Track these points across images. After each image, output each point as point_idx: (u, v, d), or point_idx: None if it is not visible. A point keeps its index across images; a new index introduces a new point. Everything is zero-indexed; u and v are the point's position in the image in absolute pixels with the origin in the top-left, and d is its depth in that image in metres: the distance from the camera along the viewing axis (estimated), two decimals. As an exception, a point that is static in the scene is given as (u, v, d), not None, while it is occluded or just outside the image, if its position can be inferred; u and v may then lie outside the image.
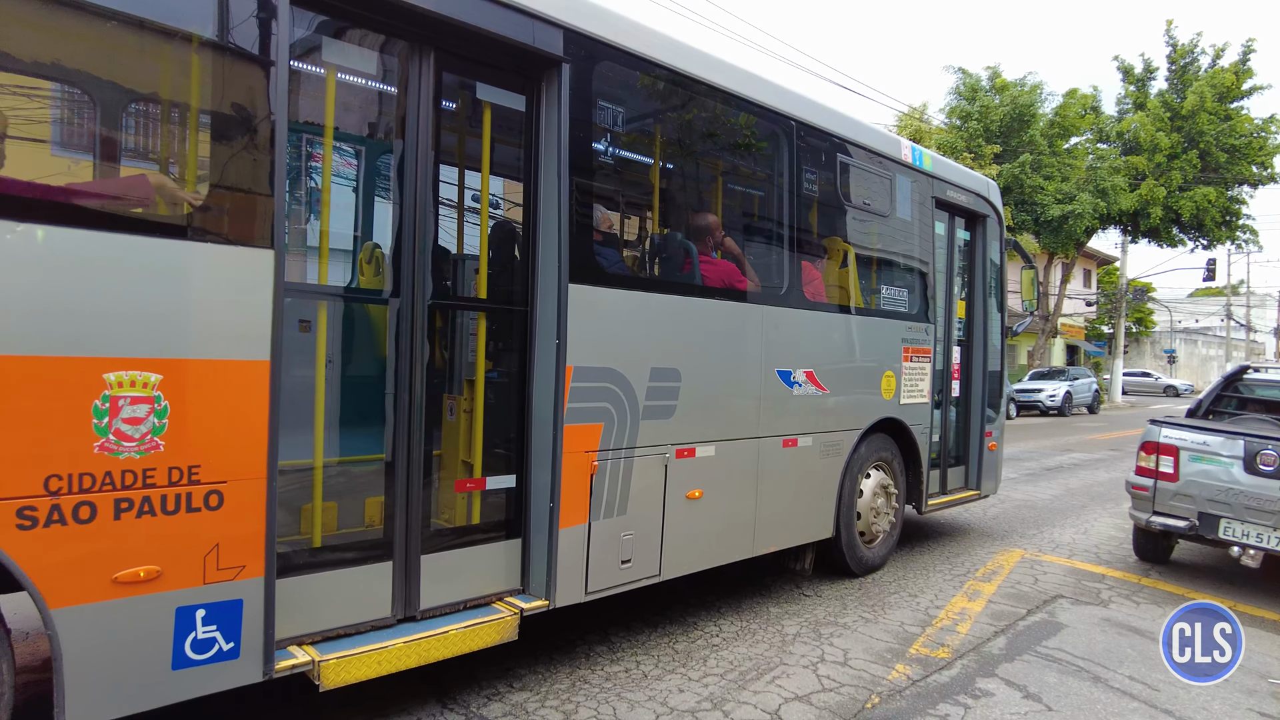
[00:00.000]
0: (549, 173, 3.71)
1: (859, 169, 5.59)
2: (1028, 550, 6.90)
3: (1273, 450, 5.49)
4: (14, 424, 2.32)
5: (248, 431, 2.77)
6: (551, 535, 3.73)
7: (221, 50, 2.76)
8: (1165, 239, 25.03)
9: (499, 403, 3.85)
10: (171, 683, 2.67)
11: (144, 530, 2.56)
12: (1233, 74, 23.14)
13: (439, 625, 3.42)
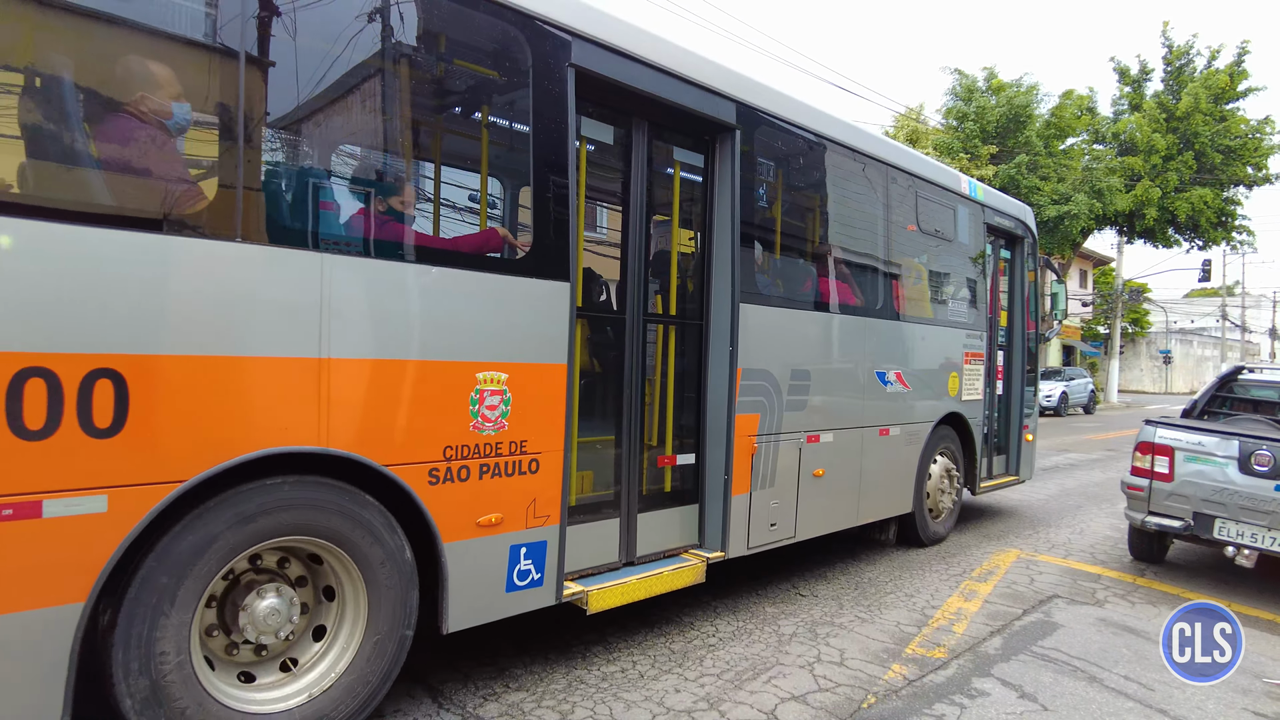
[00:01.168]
0: (722, 214, 4.73)
1: (934, 203, 6.73)
2: (1024, 550, 6.92)
3: (1267, 451, 5.50)
4: (428, 409, 3.29)
5: (554, 416, 3.74)
6: (725, 501, 4.71)
7: (543, 149, 3.70)
8: (1161, 240, 25.10)
9: (681, 396, 4.79)
10: (504, 602, 3.67)
11: (494, 487, 3.52)
12: (1228, 75, 23.20)
13: (653, 568, 4.40)
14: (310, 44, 3.05)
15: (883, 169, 6.07)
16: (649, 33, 4.29)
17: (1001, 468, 8.12)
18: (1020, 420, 8.15)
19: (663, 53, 4.31)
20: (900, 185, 6.29)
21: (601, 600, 4.00)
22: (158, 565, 2.64)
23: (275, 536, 2.95)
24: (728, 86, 4.64)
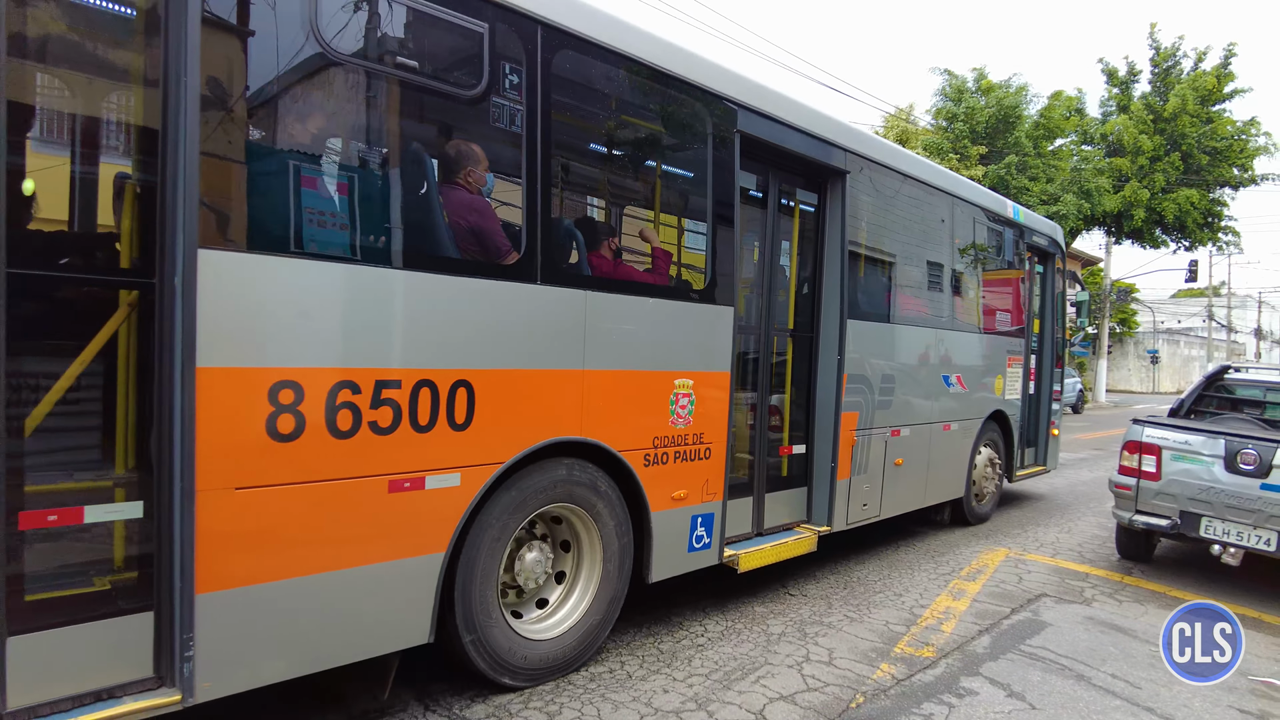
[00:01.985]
0: (832, 243, 5.65)
1: (987, 226, 7.76)
2: (1012, 549, 6.93)
3: (1253, 449, 5.54)
4: (644, 408, 4.22)
5: (721, 413, 4.64)
6: (832, 485, 5.63)
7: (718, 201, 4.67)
8: (1148, 240, 25.23)
9: (796, 396, 5.67)
10: (685, 560, 4.56)
11: (682, 469, 4.44)
12: (1214, 77, 23.35)
13: (778, 538, 5.35)
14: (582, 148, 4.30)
15: (949, 199, 7.06)
16: (788, 98, 5.23)
17: (1031, 459, 9.06)
18: (1049, 417, 9.17)
19: (797, 113, 5.20)
20: (962, 213, 7.32)
21: (749, 561, 4.94)
22: (487, 523, 3.56)
23: (552, 503, 3.88)
24: (840, 138, 5.56)
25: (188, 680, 2.67)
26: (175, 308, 2.62)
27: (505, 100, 3.61)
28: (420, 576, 3.34)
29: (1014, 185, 21.42)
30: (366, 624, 3.22)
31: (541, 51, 3.68)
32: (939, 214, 6.95)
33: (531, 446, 3.68)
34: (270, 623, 2.91)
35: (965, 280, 7.48)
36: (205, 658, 2.71)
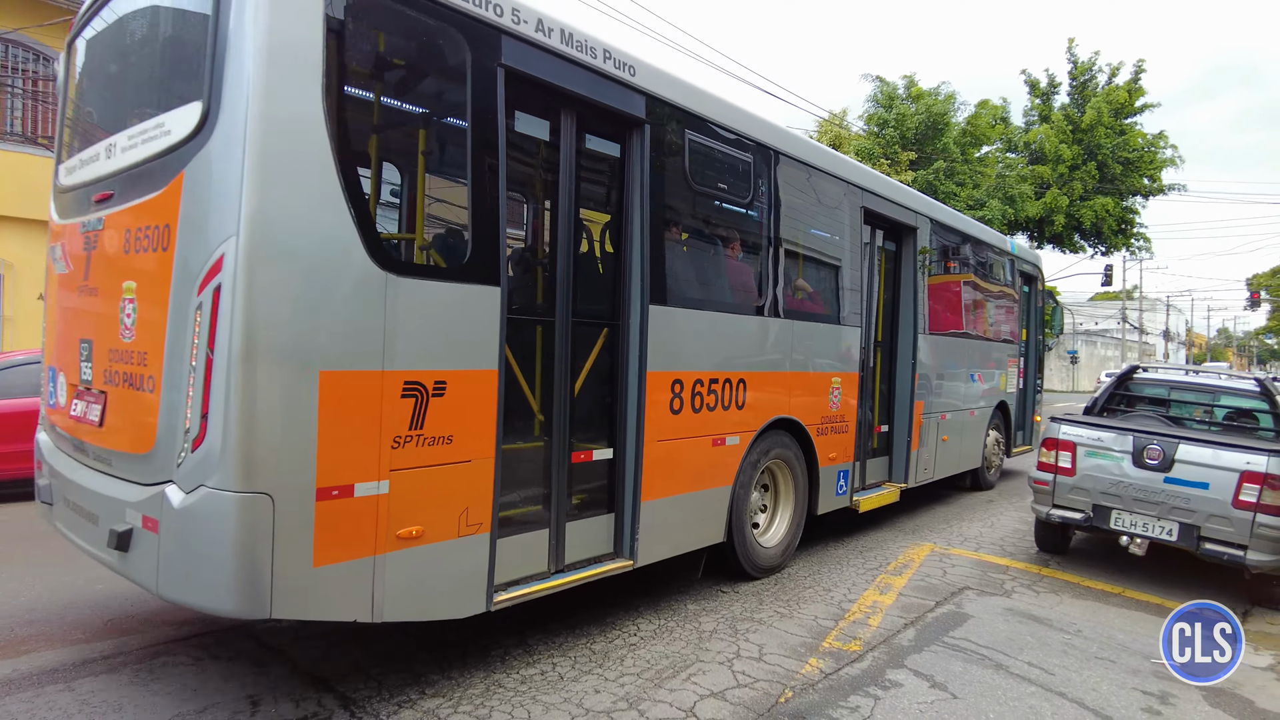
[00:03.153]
0: (908, 280, 7.81)
1: (998, 259, 10.30)
2: (937, 544, 7.14)
3: (1157, 445, 5.82)
4: (817, 396, 6.18)
5: (853, 401, 6.70)
6: (907, 454, 7.73)
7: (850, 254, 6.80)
8: (1068, 245, 26.35)
9: (883, 389, 7.66)
10: (834, 501, 6.54)
11: (835, 439, 6.41)
12: (1125, 92, 24.53)
13: (874, 492, 7.28)
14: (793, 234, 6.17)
15: (980, 245, 9.62)
16: (893, 182, 7.73)
17: (1021, 440, 11.24)
18: (1033, 407, 11.64)
19: (895, 190, 7.64)
20: (988, 252, 9.91)
21: (865, 504, 7.02)
22: (746, 468, 5.46)
23: (772, 459, 5.80)
24: (915, 204, 7.95)
25: (635, 553, 4.59)
26: (634, 337, 4.57)
27: (758, 205, 5.75)
28: (722, 499, 5.30)
29: (942, 190, 22.09)
30: (701, 525, 5.20)
31: (779, 169, 5.89)
32: (973, 252, 9.47)
33: (769, 420, 5.66)
34: (666, 520, 4.82)
35: (988, 301, 10.00)
36: (642, 540, 4.61)
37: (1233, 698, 4.13)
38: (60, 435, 4.01)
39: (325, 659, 4.11)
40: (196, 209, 3.02)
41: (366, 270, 3.17)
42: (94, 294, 3.64)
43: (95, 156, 3.81)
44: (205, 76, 3.02)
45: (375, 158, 3.63)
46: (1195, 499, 5.61)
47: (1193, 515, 5.61)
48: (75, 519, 3.67)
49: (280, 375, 2.94)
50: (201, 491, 2.90)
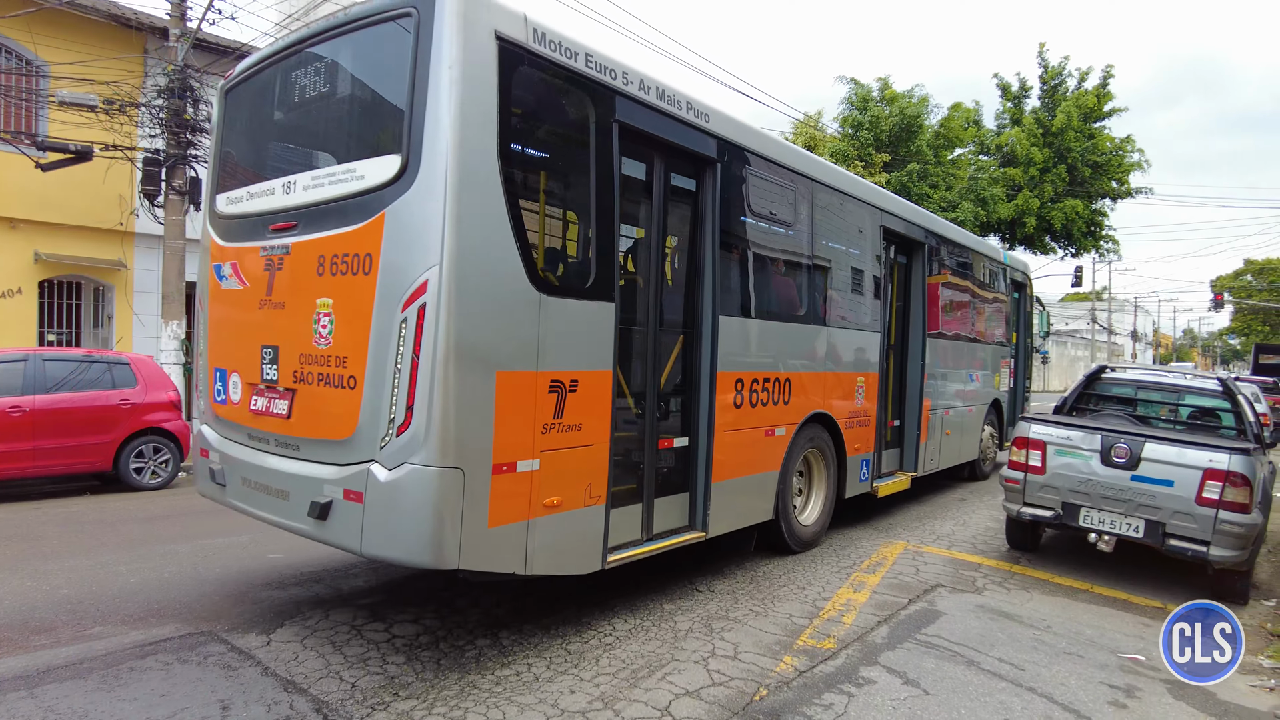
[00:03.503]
0: (916, 290, 8.67)
1: (994, 270, 11.20)
2: (910, 542, 7.22)
3: (1124, 444, 5.93)
4: (845, 394, 7.09)
5: (874, 397, 7.56)
6: (916, 446, 8.60)
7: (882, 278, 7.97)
8: (1039, 247, 26.69)
9: (895, 387, 8.49)
10: (857, 486, 7.36)
11: (859, 432, 7.31)
12: (1094, 96, 24.91)
13: (889, 479, 8.13)
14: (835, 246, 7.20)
15: (977, 255, 10.48)
16: (906, 203, 8.70)
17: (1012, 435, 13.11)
18: (1022, 404, 12.53)
19: (908, 210, 8.62)
20: (984, 262, 10.75)
21: (883, 490, 7.94)
22: (790, 456, 6.24)
23: (808, 449, 6.61)
24: (923, 221, 8.87)
25: (706, 526, 5.37)
26: (706, 342, 5.38)
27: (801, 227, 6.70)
28: (772, 482, 6.11)
29: (915, 192, 22.29)
30: (756, 504, 6.01)
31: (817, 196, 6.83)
32: (974, 266, 10.46)
33: (808, 415, 6.48)
34: (730, 499, 5.60)
35: (986, 308, 10.95)
36: (712, 515, 5.40)
37: (1196, 690, 4.22)
38: (231, 426, 4.72)
39: (297, 661, 4.07)
40: (399, 242, 3.72)
41: (527, 292, 3.95)
42: (280, 307, 4.30)
43: (270, 191, 4.54)
44: (404, 136, 3.74)
45: (529, 200, 4.31)
46: (1161, 496, 5.71)
47: (1158, 512, 5.72)
48: (259, 496, 4.39)
49: (470, 375, 3.68)
50: (406, 468, 3.60)
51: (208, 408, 5.02)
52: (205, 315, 5.09)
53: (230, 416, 4.73)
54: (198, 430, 5.12)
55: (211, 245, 5.01)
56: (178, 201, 11.73)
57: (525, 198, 4.21)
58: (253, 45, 13.40)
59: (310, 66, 4.53)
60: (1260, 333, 60.80)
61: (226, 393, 4.77)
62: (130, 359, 9.82)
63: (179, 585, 5.40)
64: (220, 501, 4.81)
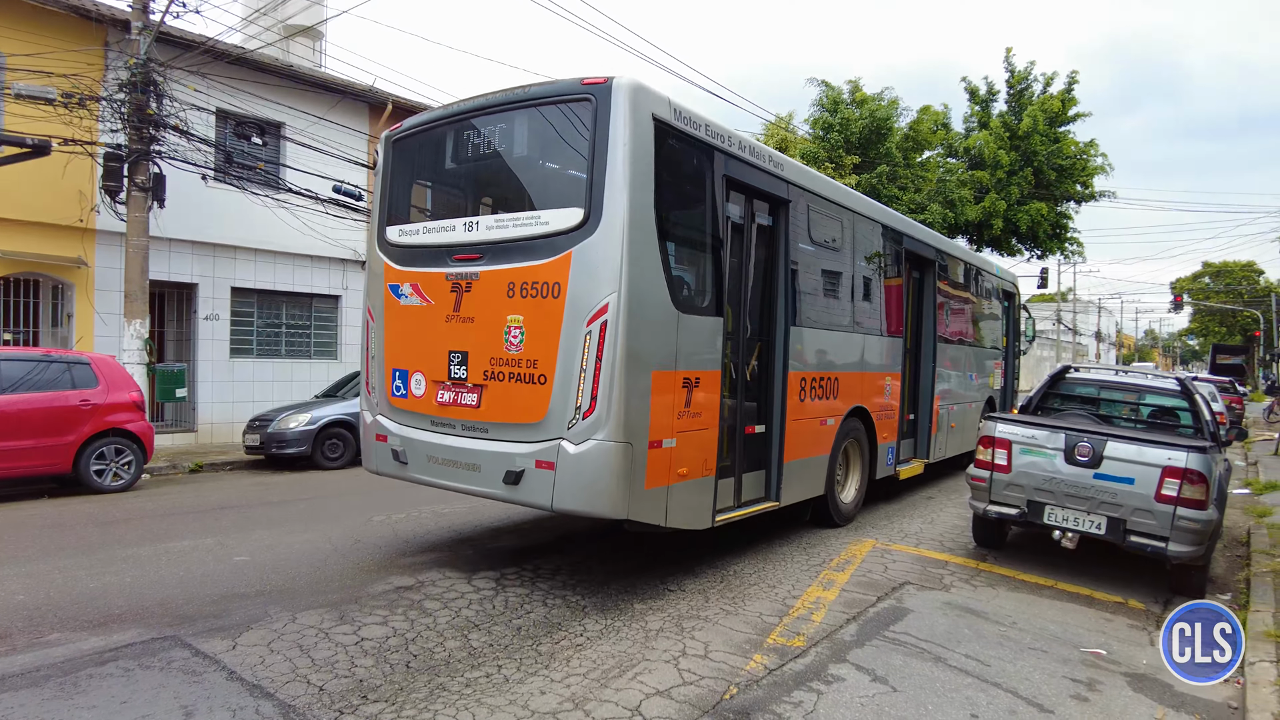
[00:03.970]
0: (929, 304, 9.85)
1: (990, 282, 12.72)
2: (879, 540, 7.29)
3: (1087, 442, 6.04)
4: (879, 391, 8.49)
5: (897, 393, 9.00)
6: (929, 436, 9.84)
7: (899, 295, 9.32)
8: (1006, 248, 27.06)
9: (910, 385, 9.52)
10: (884, 470, 8.63)
11: (888, 423, 8.69)
12: (1059, 101, 25.34)
13: (908, 465, 9.37)
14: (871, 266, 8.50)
15: (975, 269, 11.97)
16: (922, 226, 10.24)
17: None
18: (1010, 401, 13.84)
19: (924, 232, 10.05)
20: (981, 274, 12.27)
21: (904, 473, 9.25)
22: (837, 442, 7.44)
23: (848, 438, 7.68)
24: (934, 241, 10.23)
25: (779, 497, 6.47)
26: (779, 348, 6.49)
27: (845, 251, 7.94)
28: (824, 464, 7.28)
29: (885, 194, 22.51)
30: (812, 482, 7.13)
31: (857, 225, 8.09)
32: (978, 281, 12.11)
33: (850, 408, 7.67)
34: (795, 476, 6.71)
35: (984, 317, 12.38)
36: (784, 489, 6.51)
37: (1154, 683, 4.31)
38: (412, 415, 5.74)
39: (263, 665, 4.01)
40: (585, 274, 4.81)
41: (670, 311, 5.12)
42: (470, 321, 5.35)
43: (450, 228, 5.68)
44: (586, 194, 4.89)
45: (669, 239, 5.29)
46: (1122, 494, 5.83)
47: (1120, 509, 5.83)
48: (449, 469, 5.43)
49: (636, 373, 4.81)
50: (591, 442, 4.73)
51: (382, 401, 5.96)
52: (380, 326, 6.02)
53: (411, 408, 5.74)
54: (371, 420, 6.07)
55: (385, 269, 5.99)
56: (141, 198, 11.49)
57: (668, 238, 5.23)
58: (219, 40, 13.19)
59: (487, 129, 5.72)
60: (1217, 334, 62.40)
61: (407, 389, 5.78)
62: (91, 358, 9.62)
63: (141, 589, 5.30)
64: (402, 477, 5.83)
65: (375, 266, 6.16)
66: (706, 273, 5.72)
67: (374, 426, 6.04)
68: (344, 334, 16.36)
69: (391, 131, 6.30)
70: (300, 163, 14.11)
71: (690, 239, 5.72)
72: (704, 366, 5.48)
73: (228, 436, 14.19)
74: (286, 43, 17.94)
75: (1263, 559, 6.70)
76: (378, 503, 8.65)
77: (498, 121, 5.63)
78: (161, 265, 13.23)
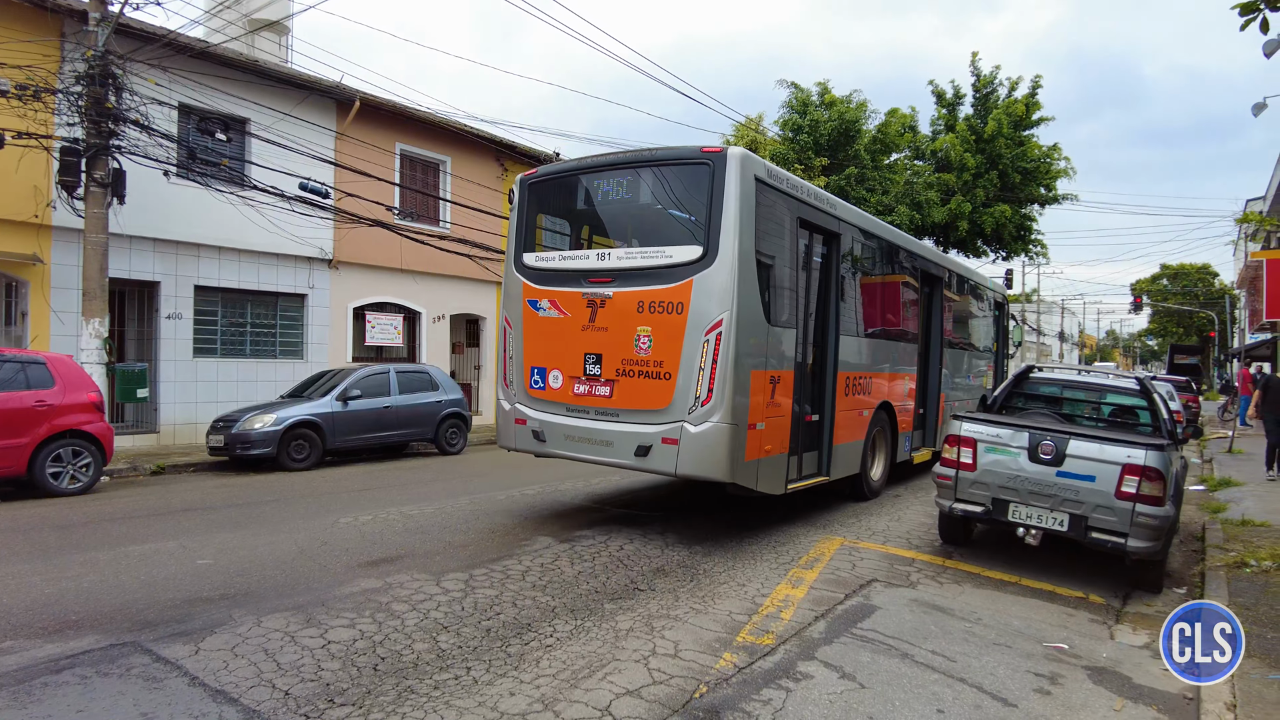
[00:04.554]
0: (936, 314, 11.49)
1: (983, 295, 14.45)
2: (847, 538, 7.36)
3: (1050, 441, 6.15)
4: (902, 387, 10.23)
5: (914, 390, 10.80)
6: (935, 427, 11.48)
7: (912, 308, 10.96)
8: (971, 250, 27.47)
9: (918, 383, 10.93)
10: (902, 455, 10.34)
11: (906, 416, 10.41)
12: (1023, 105, 25.79)
13: (918, 451, 11.10)
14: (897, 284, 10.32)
15: (973, 283, 13.77)
16: (936, 250, 13.52)
17: None
18: None
19: (937, 254, 12.16)
20: (977, 287, 14.04)
21: (918, 458, 10.85)
22: (870, 430, 9.12)
23: (877, 427, 9.34)
24: (943, 261, 12.10)
25: (829, 472, 8.11)
26: (831, 351, 8.14)
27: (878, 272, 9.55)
28: (860, 448, 8.77)
29: (854, 195, 22.73)
30: (852, 462, 8.64)
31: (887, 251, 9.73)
32: (980, 293, 14.22)
33: (879, 402, 9.16)
34: (841, 456, 8.31)
35: (977, 323, 14.25)
36: (833, 466, 8.17)
37: (1113, 675, 4.41)
38: (549, 404, 7.27)
39: (227, 670, 3.93)
40: (703, 297, 6.37)
41: (763, 324, 6.73)
42: (604, 330, 6.86)
43: (584, 257, 7.26)
44: (705, 235, 6.44)
45: (762, 269, 6.73)
46: (1084, 491, 5.95)
47: (1081, 506, 5.95)
48: (584, 445, 6.98)
49: (742, 371, 6.37)
50: (708, 424, 6.28)
51: (520, 392, 7.53)
52: (520, 332, 7.52)
53: (548, 398, 7.28)
54: (509, 408, 7.62)
55: (524, 287, 7.52)
56: (99, 194, 11.22)
57: (762, 268, 6.74)
58: (181, 33, 12.92)
59: (616, 180, 7.30)
60: (1175, 334, 63.87)
61: (545, 383, 7.31)
62: (47, 358, 9.37)
63: (99, 595, 5.18)
64: (541, 453, 7.39)
65: (512, 285, 7.67)
66: (786, 293, 7.25)
67: (513, 413, 7.57)
68: (310, 333, 16.12)
69: (527, 176, 7.86)
70: (266, 159, 13.89)
71: (776, 267, 7.09)
72: (784, 367, 7.15)
73: (191, 438, 13.92)
74: (251, 37, 17.65)
75: (1217, 553, 6.87)
76: (344, 505, 8.54)
77: (625, 175, 7.21)
78: (122, 263, 12.93)
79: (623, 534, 7.18)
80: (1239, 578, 6.09)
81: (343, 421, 12.56)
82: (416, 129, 17.88)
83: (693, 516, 8.09)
